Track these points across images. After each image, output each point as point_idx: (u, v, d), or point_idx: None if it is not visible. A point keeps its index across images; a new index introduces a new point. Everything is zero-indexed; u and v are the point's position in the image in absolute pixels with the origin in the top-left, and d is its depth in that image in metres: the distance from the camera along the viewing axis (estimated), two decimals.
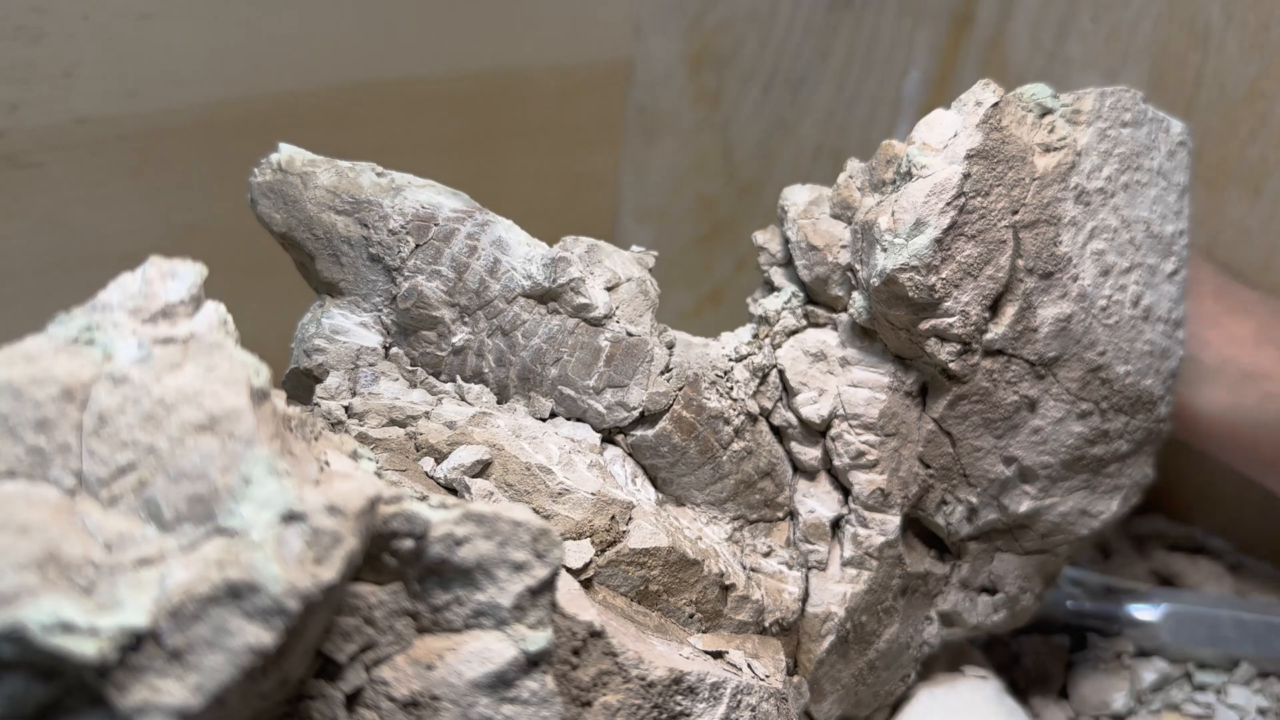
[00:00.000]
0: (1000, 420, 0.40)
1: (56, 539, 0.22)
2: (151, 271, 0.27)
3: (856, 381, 0.39)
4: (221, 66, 0.56)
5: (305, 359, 0.37)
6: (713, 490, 0.39)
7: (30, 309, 0.31)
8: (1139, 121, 0.40)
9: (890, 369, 0.39)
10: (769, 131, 0.71)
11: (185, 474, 0.23)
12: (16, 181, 0.52)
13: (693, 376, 0.38)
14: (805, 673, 0.40)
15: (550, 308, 0.37)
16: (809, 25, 0.68)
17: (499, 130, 0.68)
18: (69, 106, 0.52)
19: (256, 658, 0.22)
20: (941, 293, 0.37)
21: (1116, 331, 0.40)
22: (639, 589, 0.35)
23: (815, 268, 0.40)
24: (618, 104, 0.75)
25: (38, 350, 0.24)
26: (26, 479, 0.23)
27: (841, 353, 0.40)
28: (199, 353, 0.25)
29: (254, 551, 0.22)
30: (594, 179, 0.76)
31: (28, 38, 0.50)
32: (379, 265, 0.37)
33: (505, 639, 0.27)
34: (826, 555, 0.40)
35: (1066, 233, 0.38)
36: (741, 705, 0.33)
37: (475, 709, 0.26)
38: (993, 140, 0.37)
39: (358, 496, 0.24)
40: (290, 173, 0.37)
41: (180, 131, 0.56)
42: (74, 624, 0.21)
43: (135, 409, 0.24)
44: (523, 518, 0.27)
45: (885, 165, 0.39)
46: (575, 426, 0.38)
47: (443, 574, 0.26)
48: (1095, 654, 0.49)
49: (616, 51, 0.73)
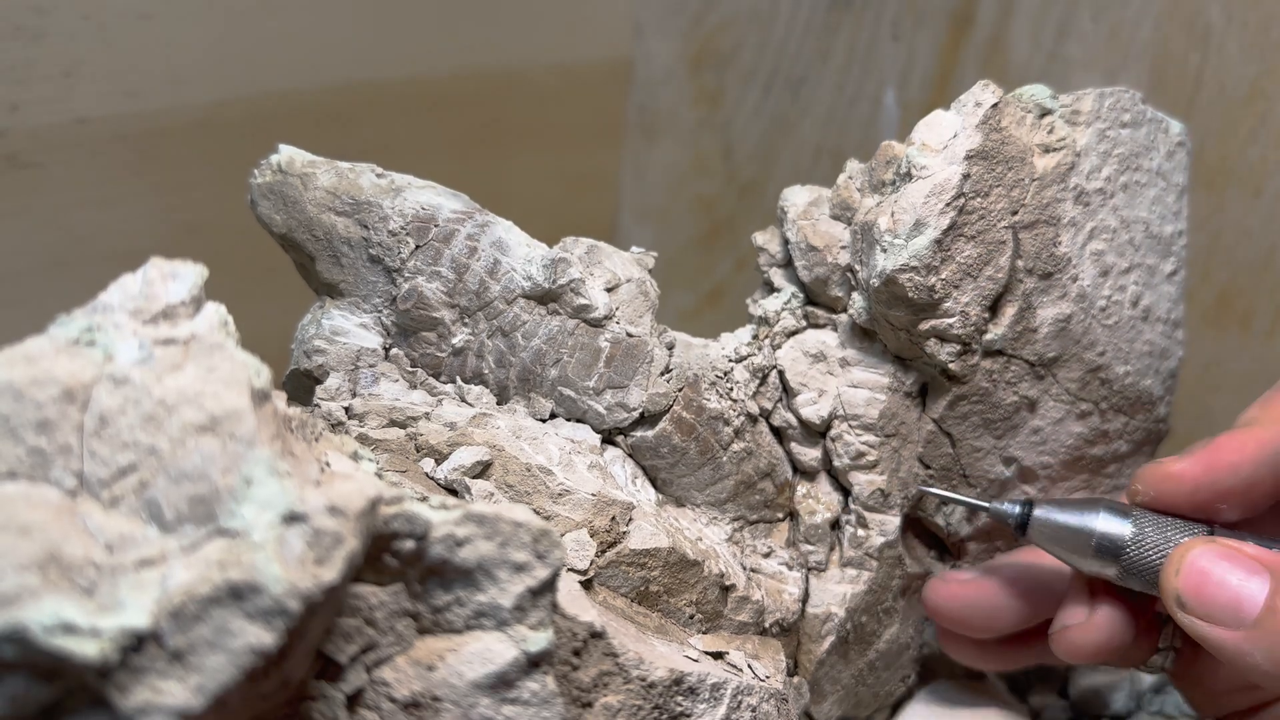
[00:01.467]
0: (1000, 420, 0.40)
1: (58, 540, 0.22)
2: (152, 272, 0.27)
3: (856, 382, 0.39)
4: (221, 66, 0.56)
5: (305, 360, 0.37)
6: (713, 491, 0.39)
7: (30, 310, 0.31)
8: (1138, 122, 0.40)
9: (890, 369, 0.39)
10: (769, 131, 0.71)
11: (186, 475, 0.23)
12: (16, 181, 0.52)
13: (693, 377, 0.38)
14: (805, 673, 0.40)
15: (550, 309, 0.37)
16: (809, 25, 0.68)
17: (499, 130, 0.68)
18: (69, 106, 0.52)
19: (258, 658, 0.22)
20: (941, 293, 0.37)
21: (1116, 332, 0.40)
22: (639, 590, 0.35)
23: (815, 268, 0.40)
24: (618, 104, 0.75)
25: (39, 351, 0.24)
26: (28, 480, 0.23)
27: (841, 353, 0.40)
28: (200, 354, 0.25)
29: (255, 552, 0.22)
30: (594, 179, 0.76)
31: (28, 38, 0.50)
32: (379, 266, 0.37)
33: (506, 640, 0.27)
34: (826, 556, 0.40)
35: (1066, 233, 0.38)
36: (742, 706, 0.33)
37: (476, 710, 0.26)
38: (992, 141, 0.37)
39: (359, 497, 0.24)
40: (290, 174, 0.37)
41: (180, 131, 0.56)
42: (75, 625, 0.21)
43: (136, 410, 0.24)
44: (523, 518, 0.27)
45: (885, 166, 0.39)
46: (575, 427, 0.38)
47: (444, 575, 0.26)
48: None
49: (616, 51, 0.73)
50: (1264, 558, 0.33)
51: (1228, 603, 0.32)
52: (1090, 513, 0.35)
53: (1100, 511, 0.35)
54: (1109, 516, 0.35)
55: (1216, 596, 0.33)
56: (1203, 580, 0.33)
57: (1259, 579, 0.32)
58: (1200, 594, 0.33)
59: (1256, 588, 0.32)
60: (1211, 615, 0.33)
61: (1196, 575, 0.33)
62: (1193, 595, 0.33)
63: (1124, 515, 0.35)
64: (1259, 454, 0.35)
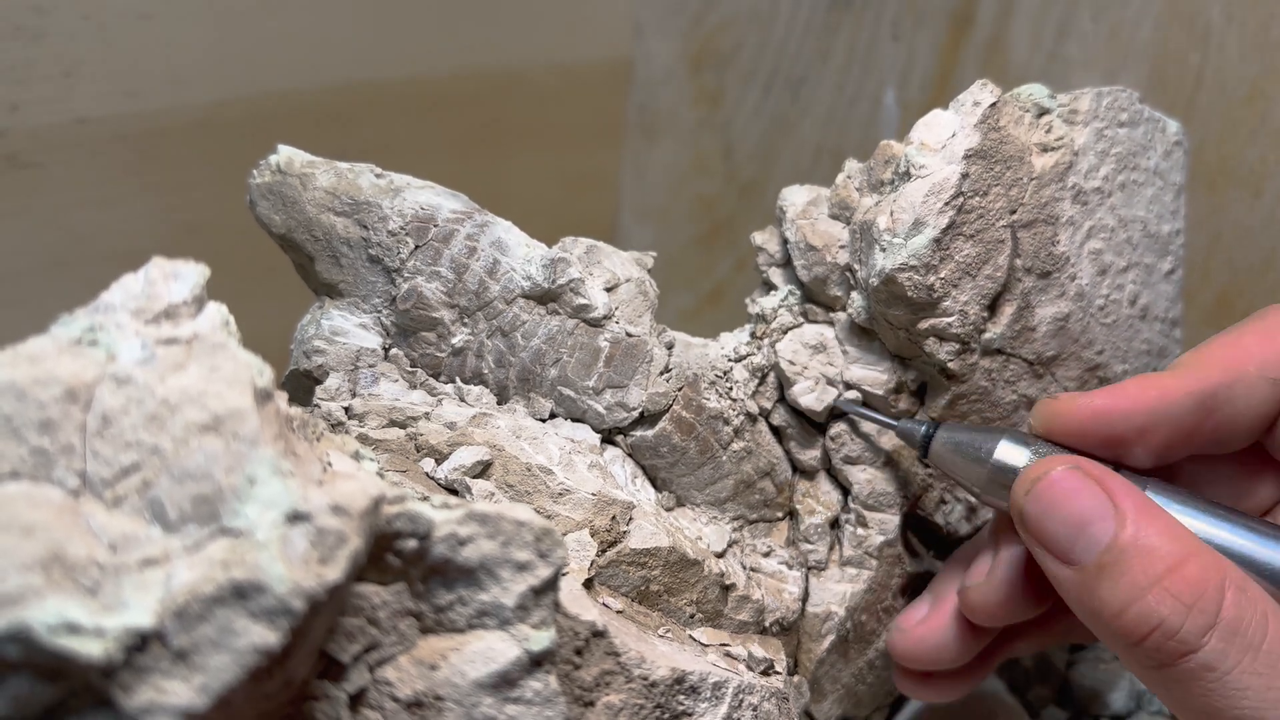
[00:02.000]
0: (999, 419, 0.40)
1: (61, 540, 0.22)
2: (154, 272, 0.27)
3: (855, 380, 0.39)
4: (221, 66, 0.56)
5: (305, 360, 0.38)
6: (712, 490, 0.39)
7: (31, 310, 0.31)
8: (1135, 121, 0.40)
9: (889, 368, 0.40)
10: (769, 131, 0.71)
11: (189, 474, 0.23)
12: (16, 181, 0.52)
13: (692, 377, 0.38)
14: (805, 672, 0.40)
15: (550, 308, 0.37)
16: (809, 25, 0.68)
17: (499, 130, 0.68)
18: (69, 106, 0.52)
19: (261, 658, 0.22)
20: (940, 292, 0.37)
21: (1114, 330, 0.40)
22: (639, 589, 0.35)
23: (814, 268, 0.40)
24: (618, 104, 0.75)
25: (41, 351, 0.24)
26: (30, 480, 0.23)
27: (841, 348, 0.40)
28: (202, 353, 0.25)
29: (259, 552, 0.22)
30: (594, 179, 0.76)
31: (28, 38, 0.50)
32: (378, 266, 0.37)
33: (509, 639, 0.27)
34: (826, 555, 0.40)
35: (1064, 232, 0.39)
36: (743, 705, 0.33)
37: (479, 709, 0.26)
38: (990, 140, 0.37)
39: (362, 496, 0.24)
40: (289, 174, 0.37)
41: (180, 131, 0.56)
42: (79, 625, 0.21)
43: (139, 409, 0.24)
44: (525, 517, 0.27)
45: (883, 165, 0.39)
46: (575, 427, 0.38)
47: (446, 574, 0.27)
48: (1095, 653, 0.50)
49: (616, 51, 0.73)
50: (1120, 493, 0.29)
51: (1068, 535, 0.29)
52: (991, 438, 0.34)
53: (1002, 439, 0.33)
54: (1009, 444, 0.33)
55: (1059, 527, 0.29)
56: (1050, 504, 0.30)
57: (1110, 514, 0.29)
58: (1044, 519, 0.30)
59: (1105, 523, 0.29)
60: (1051, 544, 0.29)
61: (1046, 497, 0.30)
62: (1035, 519, 0.30)
63: (1024, 444, 0.33)
64: (1159, 403, 0.32)
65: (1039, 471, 0.31)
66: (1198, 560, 0.28)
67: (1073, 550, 0.29)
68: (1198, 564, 0.28)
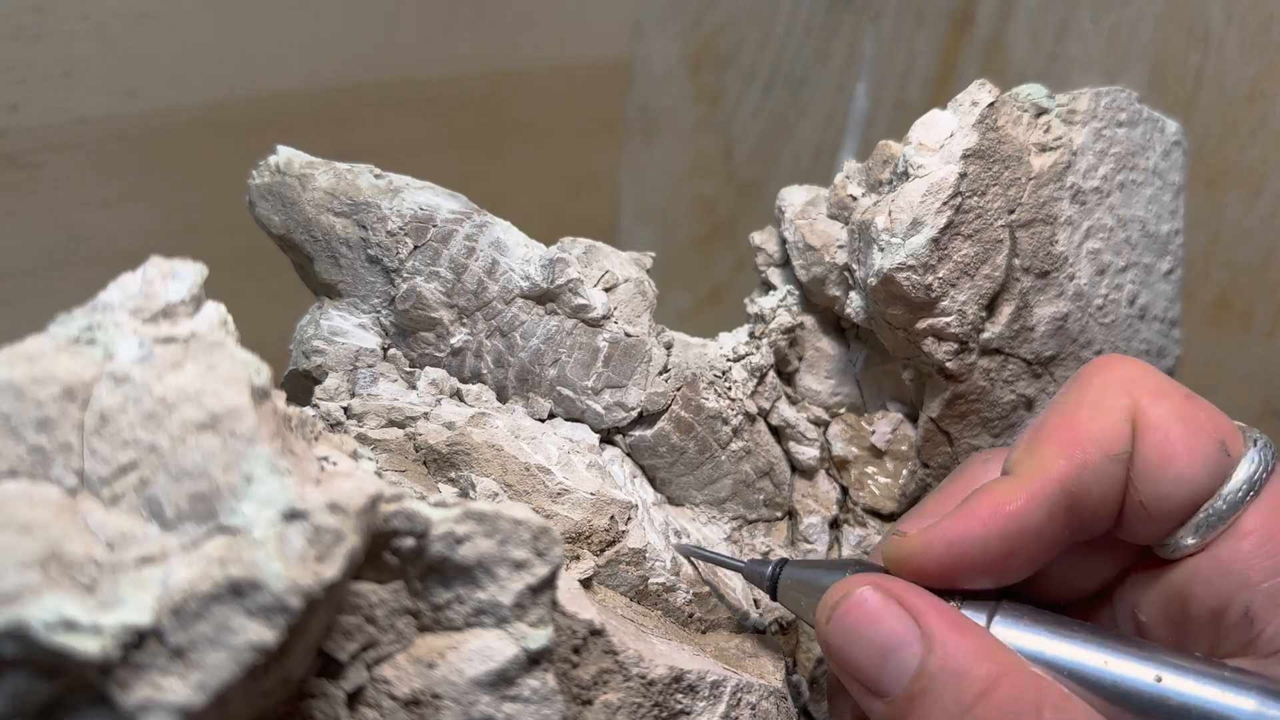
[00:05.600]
0: (998, 419, 0.40)
1: (59, 538, 0.22)
2: (152, 271, 0.27)
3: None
4: (221, 66, 0.57)
5: (304, 360, 0.38)
6: (711, 490, 0.39)
7: (30, 309, 0.31)
8: (1134, 121, 0.40)
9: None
10: (769, 131, 0.71)
11: (187, 472, 0.23)
12: (16, 181, 0.52)
13: (691, 377, 0.38)
14: (804, 672, 0.40)
15: (548, 308, 0.38)
16: (809, 25, 0.68)
17: (499, 130, 0.68)
18: (69, 106, 0.52)
19: (259, 655, 0.22)
20: (938, 292, 0.37)
21: (1113, 330, 0.40)
22: (638, 588, 0.35)
23: (812, 268, 0.40)
24: (618, 104, 0.75)
25: (39, 350, 0.24)
26: (28, 478, 0.23)
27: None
28: (200, 352, 0.25)
29: (256, 549, 0.22)
30: (594, 179, 0.76)
31: (28, 38, 0.50)
32: (377, 267, 0.37)
33: (506, 637, 0.27)
34: (825, 555, 0.40)
35: (1063, 232, 0.39)
36: (741, 704, 0.33)
37: (477, 707, 0.26)
38: (989, 140, 0.37)
39: (359, 494, 0.24)
40: (288, 175, 0.37)
41: (180, 131, 0.56)
42: (77, 622, 0.21)
43: (137, 408, 0.24)
44: (523, 516, 0.27)
45: (882, 165, 0.39)
46: (574, 427, 0.38)
47: (444, 572, 0.27)
48: None
49: (616, 51, 0.73)
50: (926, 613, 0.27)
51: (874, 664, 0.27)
52: (833, 574, 0.31)
53: (845, 574, 0.31)
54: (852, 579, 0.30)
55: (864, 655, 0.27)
56: (853, 631, 0.28)
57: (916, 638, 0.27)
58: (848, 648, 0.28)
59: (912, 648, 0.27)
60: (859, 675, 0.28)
61: (847, 622, 0.28)
62: (839, 649, 0.28)
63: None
64: (1011, 520, 0.29)
65: (838, 595, 0.29)
66: (1011, 682, 0.26)
67: (881, 680, 0.27)
68: (1011, 686, 0.26)
